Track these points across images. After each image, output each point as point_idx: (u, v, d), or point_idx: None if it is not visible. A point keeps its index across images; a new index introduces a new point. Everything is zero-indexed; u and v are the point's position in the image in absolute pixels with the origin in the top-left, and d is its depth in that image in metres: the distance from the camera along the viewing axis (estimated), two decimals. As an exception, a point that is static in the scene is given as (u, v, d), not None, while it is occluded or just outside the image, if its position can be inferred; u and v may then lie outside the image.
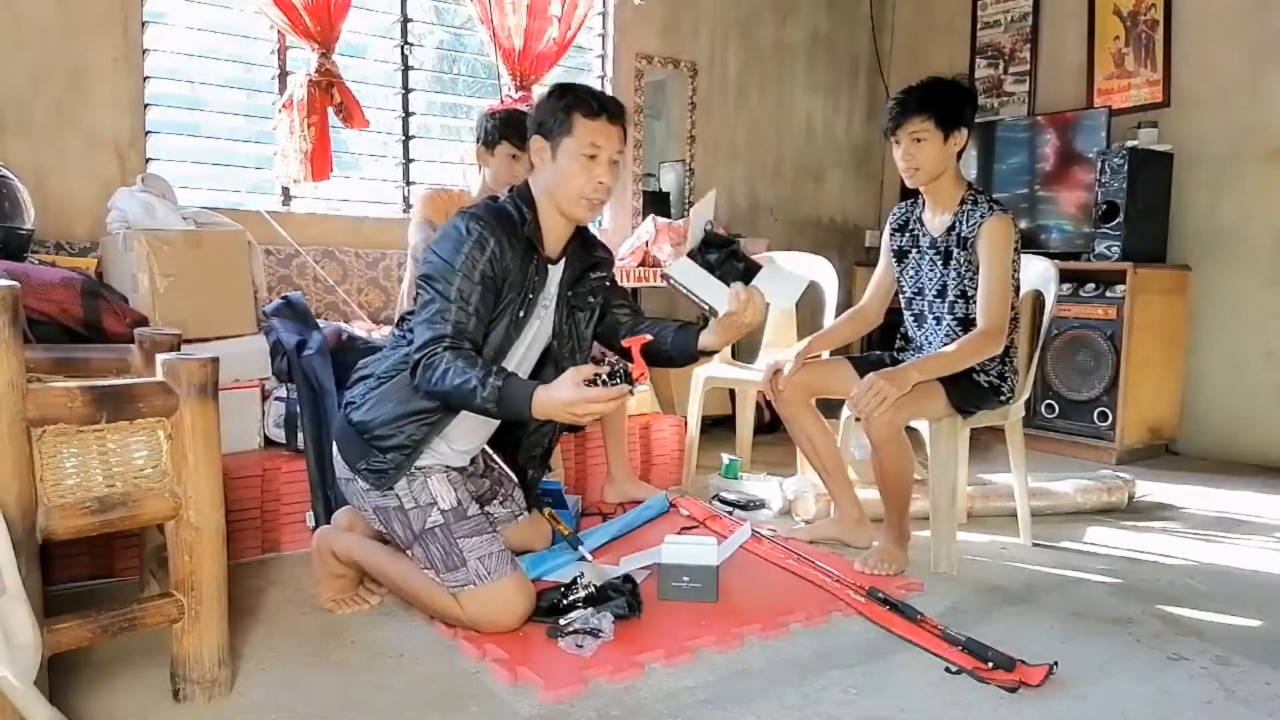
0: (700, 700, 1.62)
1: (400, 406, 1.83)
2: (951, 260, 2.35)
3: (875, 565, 2.24)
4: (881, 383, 2.15)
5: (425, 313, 1.78)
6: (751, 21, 4.67)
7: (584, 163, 1.83)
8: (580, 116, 1.82)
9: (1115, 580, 2.30)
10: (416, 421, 1.83)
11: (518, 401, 1.69)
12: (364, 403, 1.88)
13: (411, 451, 1.83)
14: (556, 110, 1.84)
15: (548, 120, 1.85)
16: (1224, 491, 3.27)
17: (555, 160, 1.85)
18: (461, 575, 1.79)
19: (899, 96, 2.33)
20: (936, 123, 2.27)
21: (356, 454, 1.86)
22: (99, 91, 3.07)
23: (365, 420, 1.85)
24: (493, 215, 1.83)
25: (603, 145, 1.84)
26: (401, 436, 1.83)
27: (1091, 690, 1.69)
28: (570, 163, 1.83)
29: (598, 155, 1.83)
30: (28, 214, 2.47)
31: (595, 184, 1.84)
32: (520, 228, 1.85)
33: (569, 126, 1.82)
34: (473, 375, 1.69)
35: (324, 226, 3.50)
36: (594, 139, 1.83)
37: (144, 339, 1.83)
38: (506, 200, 1.90)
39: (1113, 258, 3.69)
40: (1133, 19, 4.06)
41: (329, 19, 3.29)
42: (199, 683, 1.55)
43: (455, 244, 1.79)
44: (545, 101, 1.88)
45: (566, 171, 1.84)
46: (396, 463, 1.83)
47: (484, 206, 1.87)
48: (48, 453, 1.37)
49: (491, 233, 1.79)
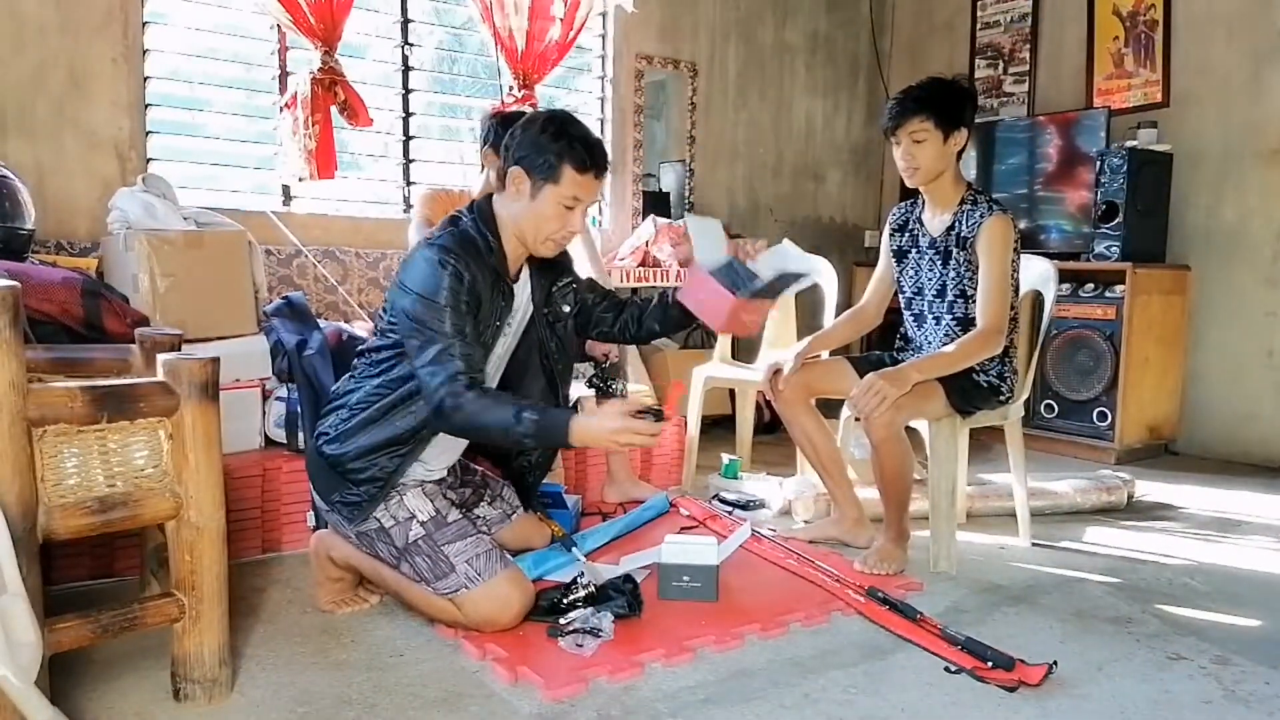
0: (700, 700, 1.62)
1: (371, 439, 1.83)
2: (951, 260, 2.36)
3: (875, 565, 2.24)
4: (881, 383, 2.16)
5: (427, 354, 1.73)
6: (751, 22, 4.67)
7: (561, 211, 1.82)
8: (570, 169, 1.79)
9: (1114, 580, 2.30)
10: (388, 454, 1.83)
11: (555, 432, 1.71)
12: (336, 435, 1.86)
13: (384, 484, 1.83)
14: (548, 152, 1.79)
15: (534, 157, 1.80)
16: (1223, 491, 3.27)
17: (533, 199, 1.82)
18: (452, 581, 1.79)
19: (898, 96, 2.32)
20: (936, 123, 2.26)
21: (329, 487, 1.87)
22: (100, 91, 3.07)
23: (337, 454, 1.85)
24: (460, 245, 1.80)
25: (583, 198, 1.83)
26: (374, 469, 1.83)
27: (1091, 690, 1.69)
28: (548, 208, 1.81)
29: (576, 207, 1.83)
30: (28, 214, 2.47)
31: (567, 230, 1.85)
32: (486, 255, 1.84)
33: (557, 175, 1.79)
34: (507, 411, 1.70)
35: (324, 226, 3.50)
36: (578, 192, 1.81)
37: (145, 339, 1.83)
38: (468, 223, 1.86)
39: (1112, 258, 3.69)
40: (1132, 19, 4.06)
41: (332, 16, 3.29)
42: (200, 682, 1.55)
43: (434, 280, 1.75)
44: (536, 135, 1.81)
45: (542, 215, 1.82)
46: (370, 495, 1.83)
47: (448, 235, 1.83)
48: (49, 452, 1.37)
49: (464, 264, 1.77)
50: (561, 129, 1.81)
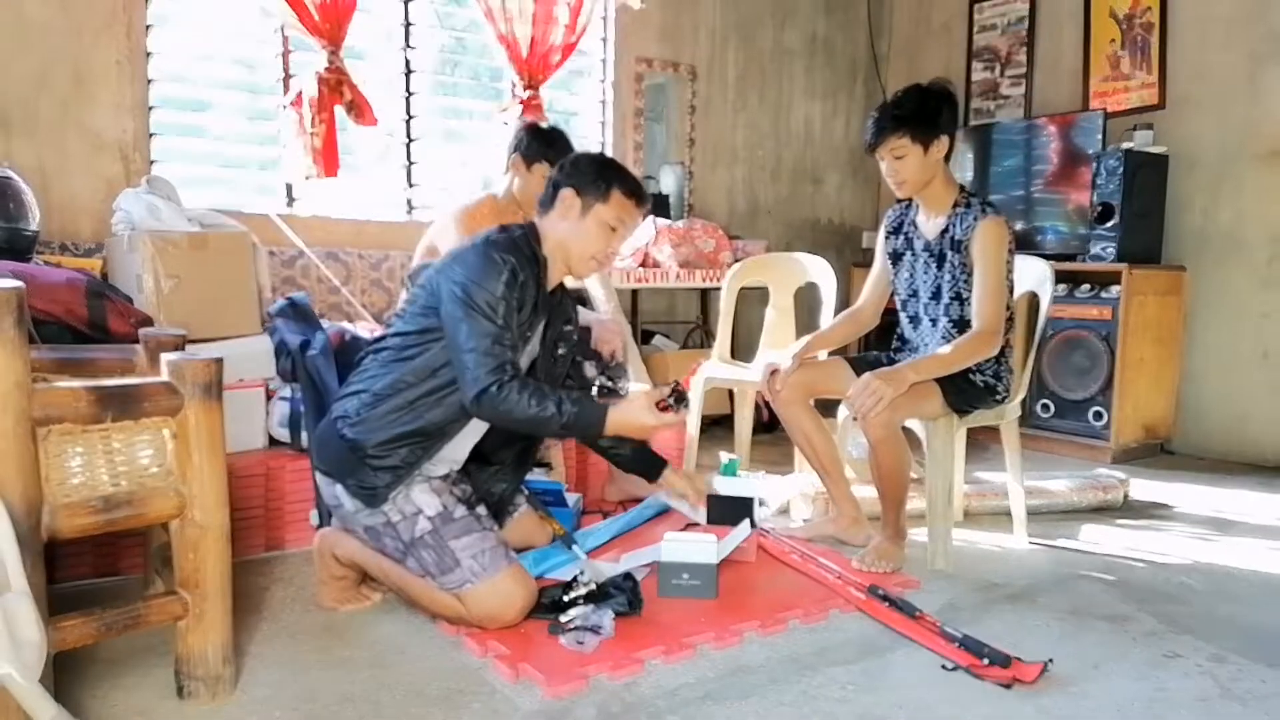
0: (700, 696, 1.63)
1: (396, 429, 1.85)
2: (946, 263, 2.37)
3: (872, 563, 2.26)
4: (878, 383, 2.17)
5: (475, 342, 1.79)
6: (750, 25, 4.69)
7: (607, 232, 1.95)
8: (620, 193, 1.94)
9: (1110, 578, 2.32)
10: (410, 445, 1.85)
11: (591, 422, 1.84)
12: (359, 420, 1.87)
13: (404, 473, 1.86)
14: (598, 178, 1.94)
15: (585, 181, 1.95)
16: (1219, 490, 3.28)
17: (582, 219, 1.94)
18: (458, 576, 1.81)
19: (874, 115, 2.32)
20: (913, 137, 2.26)
21: (346, 470, 1.87)
22: (103, 93, 3.08)
23: (359, 439, 1.86)
24: (517, 251, 1.89)
25: (627, 223, 1.97)
26: (395, 459, 1.85)
27: (1087, 687, 1.70)
28: (596, 227, 1.94)
29: (619, 230, 1.96)
30: (33, 215, 2.48)
31: (608, 252, 1.98)
32: (534, 264, 1.93)
33: (607, 195, 1.93)
34: (549, 402, 1.80)
35: (327, 228, 3.52)
36: (624, 215, 1.95)
37: (149, 339, 1.84)
38: (520, 239, 1.94)
39: (1108, 259, 3.71)
40: (1128, 22, 4.08)
41: (337, 16, 3.31)
42: (203, 680, 1.56)
43: (493, 272, 1.82)
44: (587, 164, 1.98)
45: (590, 233, 1.94)
46: (387, 482, 1.85)
47: (508, 240, 1.91)
48: (53, 452, 1.38)
49: (520, 268, 1.86)
50: (613, 162, 2.02)
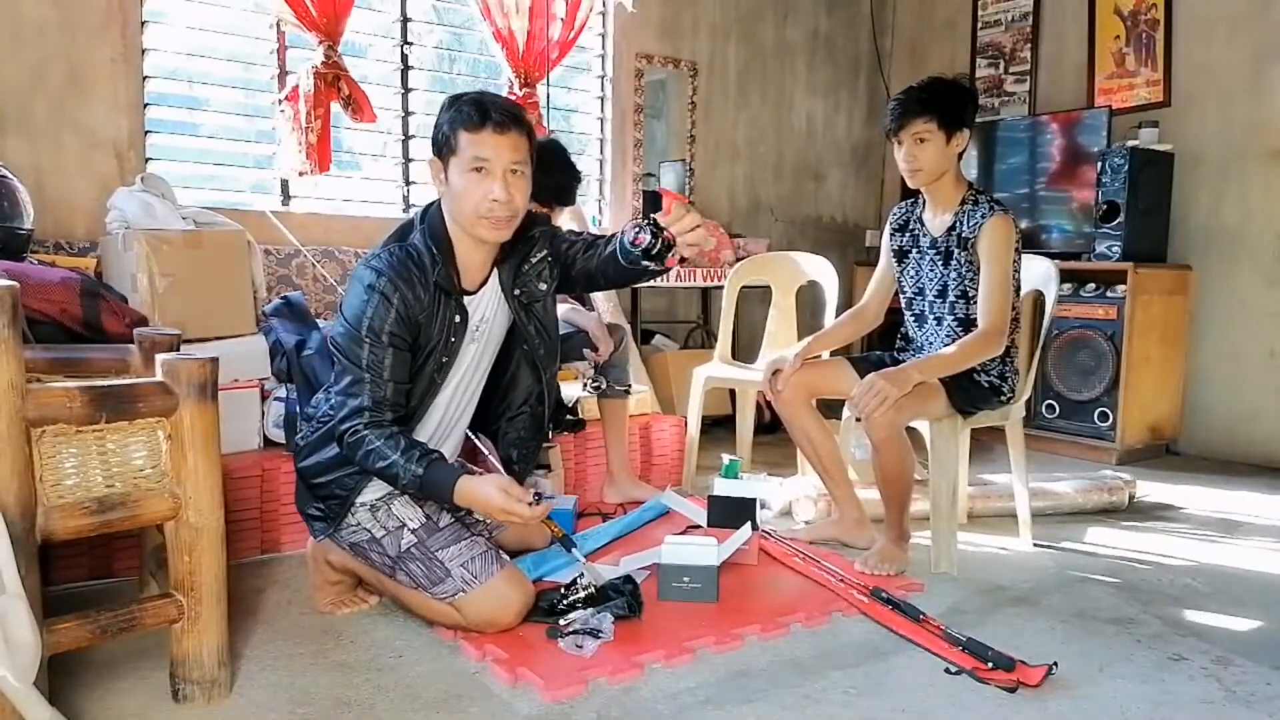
0: (700, 701, 1.62)
1: (332, 454, 1.80)
2: (952, 260, 2.35)
3: (875, 565, 2.24)
4: (882, 383, 2.15)
5: (341, 382, 1.73)
6: (752, 21, 4.67)
7: (474, 179, 1.71)
8: (463, 131, 1.70)
9: (1115, 581, 2.30)
10: (348, 472, 1.80)
11: (439, 489, 1.70)
12: (304, 446, 1.86)
13: (345, 499, 1.81)
14: (443, 126, 1.73)
15: (438, 137, 1.74)
16: (1225, 492, 3.26)
17: (448, 181, 1.75)
18: (449, 585, 1.78)
19: (900, 97, 2.31)
20: (939, 124, 2.25)
21: (301, 499, 1.87)
22: (98, 91, 3.06)
23: (303, 466, 1.85)
24: (394, 267, 1.72)
25: (490, 157, 1.70)
26: (334, 485, 1.82)
27: (1091, 690, 1.69)
28: (460, 180, 1.72)
29: (486, 168, 1.70)
30: (27, 214, 2.47)
31: (489, 201, 1.71)
32: (430, 271, 1.75)
33: (454, 144, 1.71)
34: (394, 459, 1.68)
35: (323, 226, 3.50)
36: (478, 152, 1.70)
37: (143, 339, 1.83)
38: (417, 236, 1.78)
39: (1113, 258, 3.69)
40: (1133, 18, 4.06)
41: (334, 9, 3.29)
42: (199, 683, 1.55)
43: (359, 309, 1.71)
44: (438, 116, 1.76)
45: (458, 191, 1.73)
46: (333, 510, 1.82)
47: (386, 255, 1.75)
48: (47, 453, 1.36)
49: (394, 289, 1.70)
50: (451, 101, 1.75)
